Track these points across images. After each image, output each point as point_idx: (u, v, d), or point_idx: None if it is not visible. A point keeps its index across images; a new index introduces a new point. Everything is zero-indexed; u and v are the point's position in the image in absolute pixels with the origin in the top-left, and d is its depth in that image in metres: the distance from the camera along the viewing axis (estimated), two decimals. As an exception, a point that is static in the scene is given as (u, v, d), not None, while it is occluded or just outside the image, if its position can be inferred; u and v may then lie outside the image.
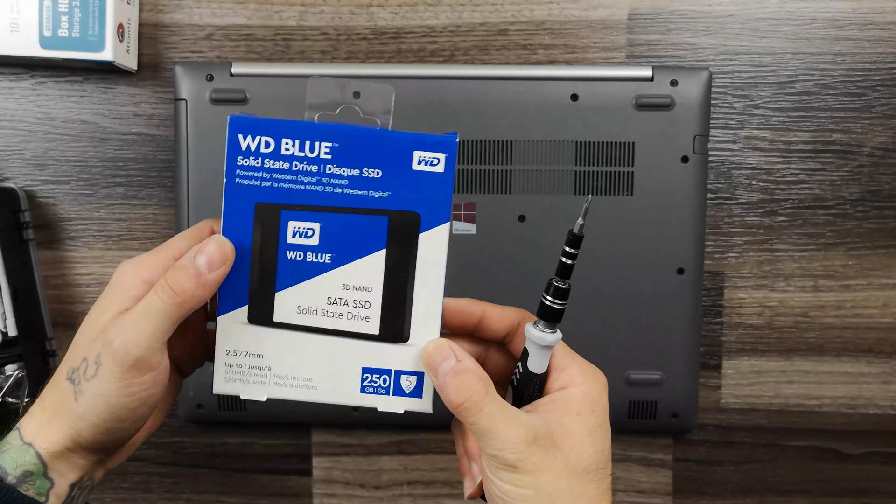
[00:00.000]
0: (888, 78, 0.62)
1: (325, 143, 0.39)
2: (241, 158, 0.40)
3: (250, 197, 0.40)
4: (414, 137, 0.39)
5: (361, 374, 0.41)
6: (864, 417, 0.65)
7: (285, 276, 0.41)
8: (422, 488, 0.66)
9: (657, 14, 0.62)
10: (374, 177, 0.40)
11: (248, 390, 0.41)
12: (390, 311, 0.41)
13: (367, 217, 0.40)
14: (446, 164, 0.40)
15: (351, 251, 0.40)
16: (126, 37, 0.61)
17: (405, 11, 0.63)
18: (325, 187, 0.40)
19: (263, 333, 0.41)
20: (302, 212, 0.40)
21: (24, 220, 0.62)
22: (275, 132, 0.39)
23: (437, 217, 0.40)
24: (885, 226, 0.63)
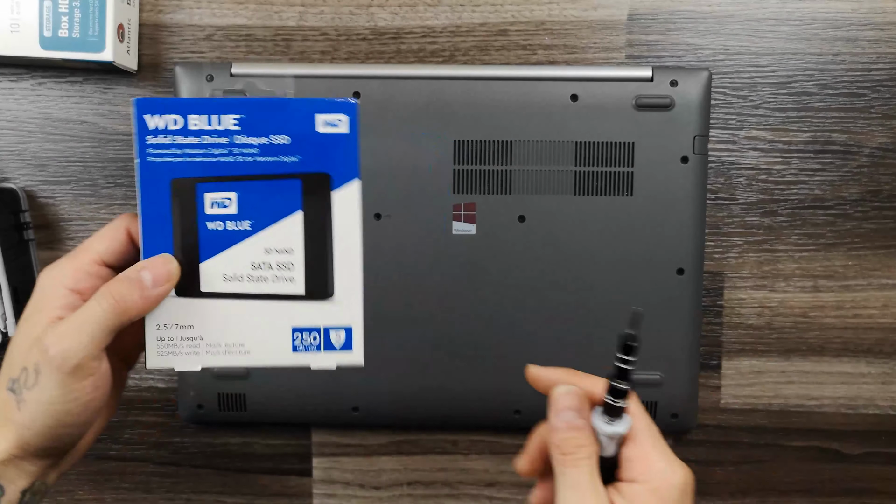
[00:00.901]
0: (888, 78, 0.62)
1: (232, 116, 0.41)
2: (150, 137, 0.41)
3: (165, 173, 0.41)
4: (314, 101, 0.41)
5: (292, 333, 0.43)
6: (863, 418, 0.65)
7: (207, 246, 0.42)
8: (422, 489, 0.66)
9: (657, 14, 0.62)
10: (283, 143, 0.41)
11: (181, 362, 0.42)
12: (313, 269, 0.42)
13: (281, 181, 0.41)
14: (350, 125, 0.42)
15: (269, 215, 0.42)
16: (126, 37, 0.61)
17: (405, 12, 0.63)
18: (237, 157, 0.41)
19: (192, 304, 0.42)
20: (217, 183, 0.41)
21: (25, 221, 0.62)
22: (181, 109, 0.41)
23: (346, 174, 0.42)
24: (885, 226, 0.63)
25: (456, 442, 0.66)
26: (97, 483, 0.67)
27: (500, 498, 0.66)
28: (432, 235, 0.60)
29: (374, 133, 0.59)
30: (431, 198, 0.60)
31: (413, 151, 0.60)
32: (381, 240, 0.60)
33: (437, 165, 0.60)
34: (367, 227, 0.60)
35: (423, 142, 0.59)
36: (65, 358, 0.39)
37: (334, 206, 0.42)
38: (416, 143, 0.59)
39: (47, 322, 0.41)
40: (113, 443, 0.66)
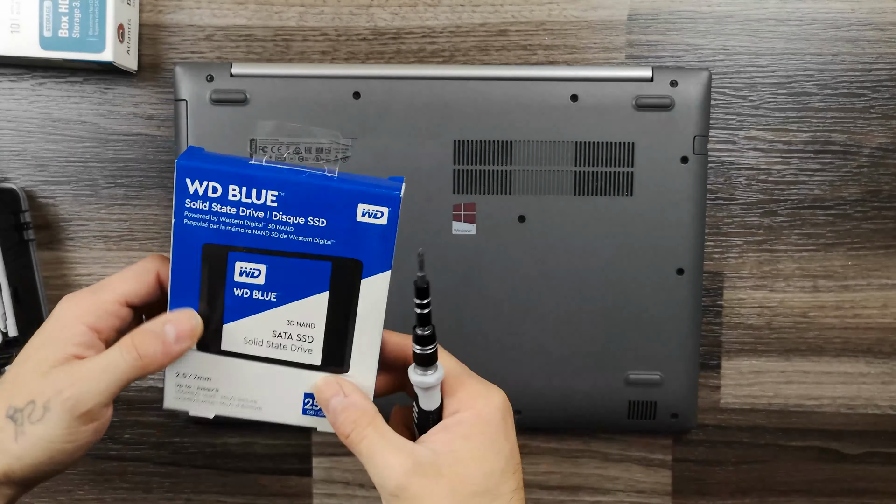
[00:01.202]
0: (888, 78, 0.62)
1: (272, 192, 0.40)
2: (188, 201, 0.41)
3: (198, 238, 0.41)
4: (359, 191, 0.41)
5: (303, 398, 0.44)
6: (863, 417, 0.65)
7: (232, 310, 0.42)
8: (422, 488, 0.66)
9: (657, 15, 0.62)
10: (319, 225, 0.41)
11: (196, 408, 0.44)
12: (331, 345, 0.43)
13: (312, 262, 0.42)
14: (389, 217, 0.42)
15: (296, 291, 0.42)
16: (126, 37, 0.61)
17: (405, 12, 0.63)
18: (272, 233, 0.41)
19: (211, 360, 0.43)
20: (248, 254, 0.41)
21: (25, 221, 0.62)
22: (221, 179, 0.40)
23: (378, 265, 0.42)
24: (885, 226, 0.63)
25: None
26: (97, 483, 0.67)
27: (500, 498, 0.66)
28: (432, 236, 0.60)
29: (374, 133, 0.59)
30: (431, 198, 0.60)
31: (413, 151, 0.60)
32: (381, 240, 0.60)
33: (437, 165, 0.60)
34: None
35: (424, 142, 0.59)
36: (78, 402, 0.40)
37: (361, 292, 0.42)
38: (416, 143, 0.59)
39: (62, 358, 0.41)
40: (113, 443, 0.66)
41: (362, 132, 0.60)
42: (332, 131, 0.43)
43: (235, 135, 0.60)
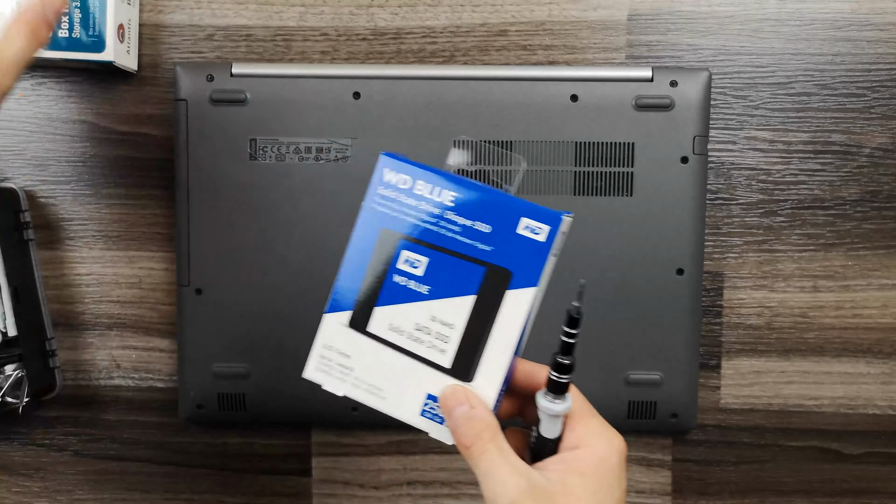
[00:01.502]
0: (888, 79, 0.62)
1: (451, 193, 0.44)
2: (381, 188, 0.45)
3: (380, 222, 0.45)
4: (526, 206, 0.44)
5: (425, 398, 0.45)
6: (863, 418, 0.65)
7: (387, 295, 0.45)
8: (421, 488, 0.66)
9: (657, 15, 0.62)
10: (484, 231, 0.44)
11: (330, 382, 0.46)
12: (464, 350, 0.45)
13: (468, 263, 0.44)
14: (548, 236, 0.43)
15: (446, 289, 0.45)
16: (126, 37, 0.61)
17: (405, 12, 0.63)
18: (441, 229, 0.44)
19: (356, 338, 0.45)
20: (416, 245, 0.45)
21: (25, 221, 0.62)
22: (415, 174, 0.45)
23: (526, 280, 0.44)
24: (885, 226, 0.63)
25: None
26: (96, 483, 0.67)
27: (500, 498, 0.66)
28: (432, 235, 0.60)
29: (374, 133, 0.59)
30: (431, 198, 0.60)
31: (413, 151, 0.60)
32: (381, 240, 0.60)
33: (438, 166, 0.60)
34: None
35: (424, 142, 0.59)
36: None
37: (504, 303, 0.44)
38: (417, 143, 0.59)
39: None
40: (112, 443, 0.66)
41: (362, 132, 0.60)
42: (517, 156, 0.46)
43: (235, 135, 0.60)
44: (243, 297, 0.61)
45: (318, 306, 0.60)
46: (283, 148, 0.60)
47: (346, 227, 0.60)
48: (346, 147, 0.60)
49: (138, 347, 0.66)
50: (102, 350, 0.66)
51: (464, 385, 0.44)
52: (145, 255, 0.65)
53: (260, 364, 0.61)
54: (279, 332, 0.61)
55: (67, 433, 0.67)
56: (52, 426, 0.67)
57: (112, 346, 0.66)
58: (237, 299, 0.61)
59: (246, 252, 0.61)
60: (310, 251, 0.60)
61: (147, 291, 0.65)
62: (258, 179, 0.60)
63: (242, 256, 0.61)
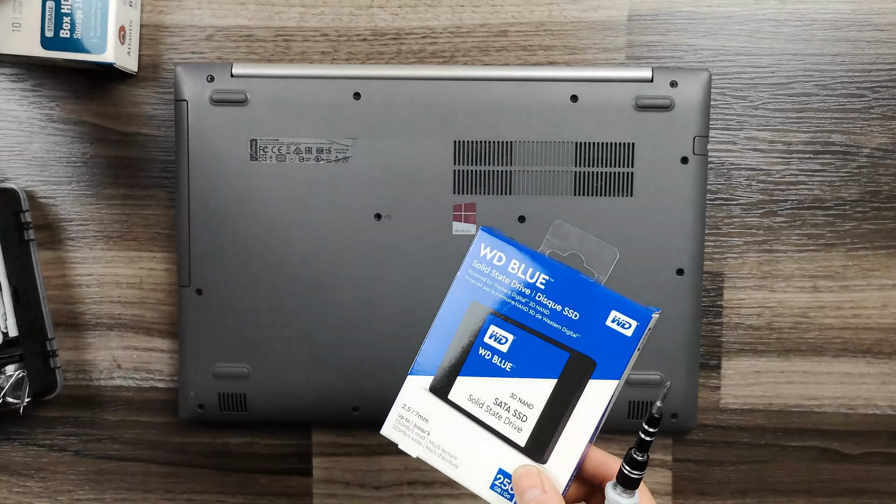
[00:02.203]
0: (887, 79, 0.63)
1: (544, 275, 0.45)
2: (476, 262, 0.46)
3: (471, 294, 0.46)
4: (617, 299, 0.45)
5: (496, 473, 0.46)
6: (863, 418, 0.65)
7: (471, 366, 0.46)
8: (422, 488, 0.66)
9: (657, 15, 0.63)
10: (572, 317, 0.45)
11: (405, 443, 0.47)
12: (541, 431, 0.46)
13: (553, 347, 0.45)
14: (635, 331, 0.45)
15: (529, 369, 0.46)
16: (127, 39, 0.61)
17: (405, 13, 0.63)
18: (530, 310, 0.45)
19: (436, 404, 0.47)
20: (504, 322, 0.46)
21: (25, 221, 0.63)
22: (510, 253, 0.46)
23: (610, 372, 0.45)
24: (885, 226, 0.63)
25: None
26: (97, 483, 0.67)
27: (500, 498, 0.66)
28: (432, 236, 0.60)
29: (374, 134, 0.60)
30: (432, 198, 0.60)
31: (413, 152, 0.60)
32: (381, 240, 0.60)
33: (438, 166, 0.60)
34: (366, 227, 0.60)
35: (424, 142, 0.59)
36: None
37: (585, 392, 0.45)
38: (417, 144, 0.59)
39: None
40: (113, 443, 0.67)
41: (363, 133, 0.60)
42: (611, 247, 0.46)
43: (236, 135, 0.60)
44: (244, 298, 0.61)
45: (319, 306, 0.61)
46: (284, 148, 0.60)
47: (346, 228, 0.60)
48: (346, 147, 0.60)
49: (139, 348, 0.66)
50: (103, 350, 0.66)
51: (537, 466, 0.45)
52: (146, 256, 0.65)
53: (260, 364, 0.61)
54: (280, 333, 0.61)
55: (68, 433, 0.67)
56: (53, 426, 0.67)
57: (113, 346, 0.66)
58: (238, 299, 0.61)
59: (246, 252, 0.61)
60: (310, 251, 0.60)
61: (148, 292, 0.65)
62: (258, 180, 0.60)
63: (243, 257, 0.61)
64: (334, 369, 0.61)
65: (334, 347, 0.61)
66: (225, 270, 0.61)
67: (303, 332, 0.61)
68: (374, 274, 0.61)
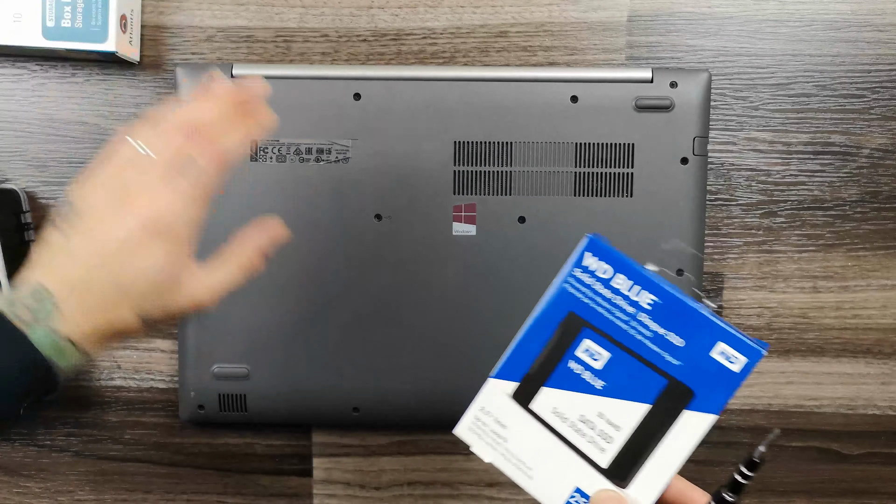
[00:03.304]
0: (887, 80, 0.63)
1: (651, 296, 0.43)
2: (578, 271, 0.44)
3: (569, 304, 0.44)
4: (727, 332, 0.42)
5: (572, 490, 0.44)
6: (863, 418, 0.65)
7: (558, 378, 0.44)
8: (422, 489, 0.66)
9: (657, 16, 0.63)
10: (675, 344, 0.43)
11: (480, 446, 0.45)
12: (626, 455, 0.44)
13: (651, 371, 0.43)
14: (743, 368, 0.42)
15: (622, 390, 0.44)
16: (129, 28, 0.61)
17: (405, 13, 0.63)
18: (630, 329, 0.43)
19: (516, 411, 0.45)
20: (601, 337, 0.44)
21: (26, 222, 0.63)
22: (618, 267, 0.44)
23: (709, 405, 0.43)
24: (884, 227, 0.63)
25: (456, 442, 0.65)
26: (97, 484, 0.67)
27: (501, 498, 0.66)
28: (433, 236, 0.60)
29: (374, 134, 0.60)
30: (432, 199, 0.60)
31: (413, 152, 0.60)
32: (381, 241, 0.60)
33: (438, 166, 0.60)
34: (366, 228, 0.60)
35: (424, 143, 0.60)
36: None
37: (679, 421, 0.43)
38: (417, 144, 0.60)
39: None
40: (113, 443, 0.67)
41: (363, 133, 0.60)
42: (685, 247, 0.46)
43: (236, 136, 0.60)
44: (244, 298, 0.61)
45: (319, 307, 0.61)
46: (284, 149, 0.60)
47: (346, 228, 0.60)
48: (346, 148, 0.60)
49: (139, 348, 0.66)
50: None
51: (618, 491, 0.44)
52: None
53: (260, 365, 0.61)
54: (280, 333, 0.61)
55: (68, 434, 0.67)
56: (54, 427, 0.67)
57: (113, 346, 0.66)
58: (238, 300, 0.61)
59: (247, 253, 0.61)
60: (311, 252, 0.60)
61: (148, 292, 0.65)
62: (259, 180, 0.60)
63: (243, 257, 0.61)
64: (334, 370, 0.61)
65: (334, 348, 0.61)
66: (225, 271, 0.61)
67: (303, 332, 0.61)
68: (375, 274, 0.61)
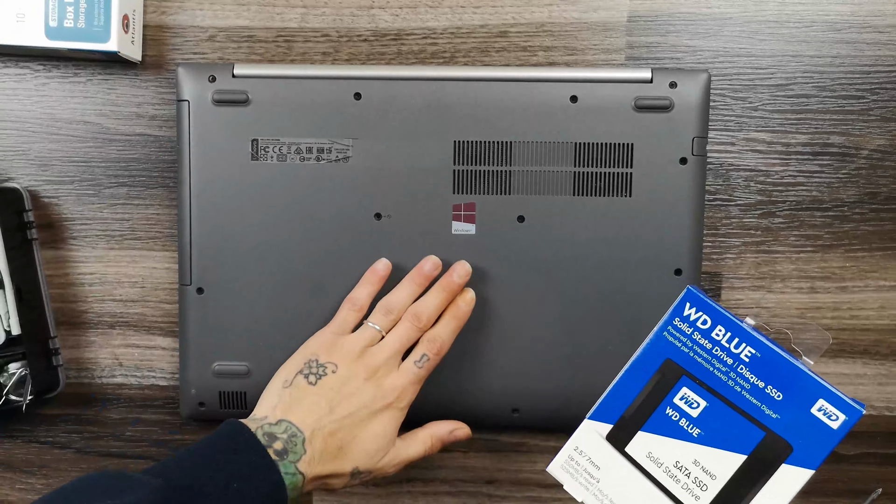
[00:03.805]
0: (886, 81, 0.63)
1: (750, 349, 0.44)
2: (677, 320, 0.46)
3: (667, 351, 0.45)
4: (828, 390, 0.43)
5: None
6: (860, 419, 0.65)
7: (655, 424, 0.45)
8: (420, 486, 0.67)
9: (656, 16, 0.63)
10: (774, 397, 0.44)
11: (572, 485, 0.46)
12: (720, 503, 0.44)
13: (748, 423, 0.44)
14: (842, 425, 0.43)
15: (718, 440, 0.45)
16: (131, 28, 0.61)
17: (406, 13, 0.63)
18: (729, 380, 0.44)
19: (611, 453, 0.46)
20: (699, 387, 0.45)
21: (28, 220, 0.63)
22: (717, 318, 0.45)
23: (806, 461, 0.43)
24: (882, 228, 0.64)
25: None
26: (99, 480, 0.67)
27: (499, 496, 0.67)
28: (432, 235, 0.60)
29: (374, 134, 0.60)
30: (432, 198, 0.60)
31: (413, 152, 0.60)
32: (381, 240, 0.60)
33: (438, 166, 0.60)
34: (366, 227, 0.60)
35: (424, 142, 0.60)
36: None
37: (776, 475, 0.44)
38: (417, 144, 0.60)
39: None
40: (114, 440, 0.67)
41: (363, 133, 0.60)
42: (822, 331, 0.46)
43: (237, 135, 0.60)
44: (245, 297, 0.61)
45: (319, 306, 0.61)
46: (285, 148, 0.60)
47: (346, 227, 0.60)
48: (347, 147, 0.60)
49: (140, 346, 0.66)
50: (105, 348, 0.66)
51: None
52: (147, 255, 0.65)
53: (261, 363, 0.62)
54: (280, 331, 0.61)
55: (70, 431, 0.67)
56: (55, 424, 0.67)
57: (114, 344, 0.66)
58: (239, 298, 0.61)
59: (247, 251, 0.61)
60: (311, 251, 0.61)
61: (149, 290, 0.65)
62: (260, 180, 0.60)
63: (244, 256, 0.61)
64: (334, 368, 0.62)
65: (334, 346, 0.61)
66: (226, 269, 0.61)
67: (303, 330, 0.61)
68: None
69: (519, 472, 0.66)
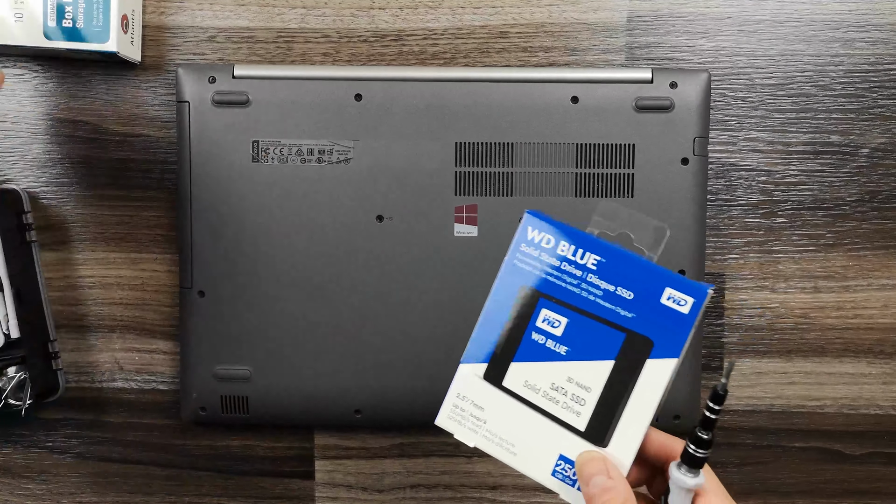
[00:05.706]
0: (886, 79, 0.63)
1: (595, 256, 0.44)
2: (524, 246, 0.45)
3: (521, 279, 0.45)
4: (671, 276, 0.44)
5: (557, 459, 0.45)
6: (865, 418, 0.65)
7: (524, 352, 0.46)
8: (424, 491, 0.66)
9: (656, 16, 0.63)
10: (626, 297, 0.44)
11: (461, 432, 0.46)
12: (600, 415, 0.45)
13: (608, 328, 0.45)
14: (692, 308, 0.44)
15: (584, 352, 0.45)
16: (130, 28, 0.61)
17: (406, 14, 0.63)
18: (582, 292, 0.45)
19: (491, 392, 0.46)
20: (556, 305, 0.45)
21: (28, 222, 0.63)
22: (559, 234, 0.45)
23: (667, 351, 0.44)
24: (885, 226, 0.63)
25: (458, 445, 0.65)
26: (99, 485, 0.67)
27: (503, 501, 0.66)
28: (434, 237, 0.60)
29: (375, 135, 0.60)
30: (433, 200, 0.60)
31: (414, 153, 0.60)
32: (383, 242, 0.60)
33: (439, 167, 0.60)
34: (368, 229, 0.60)
35: (425, 143, 0.60)
36: None
37: (643, 372, 0.44)
38: (418, 145, 0.60)
39: None
40: (115, 445, 0.66)
41: (364, 134, 0.60)
42: (660, 224, 0.46)
43: (238, 136, 0.60)
44: (246, 300, 0.61)
45: (320, 308, 0.61)
46: (286, 150, 0.60)
47: (347, 229, 0.60)
48: (347, 149, 0.60)
49: (141, 350, 0.66)
50: (105, 352, 0.66)
51: (601, 451, 0.44)
52: (148, 258, 0.65)
53: (262, 366, 0.61)
54: (281, 335, 0.61)
55: (70, 435, 0.67)
56: (55, 428, 0.67)
57: (115, 348, 0.66)
58: (240, 301, 0.61)
59: (248, 254, 0.61)
60: (312, 253, 0.61)
61: (150, 294, 0.65)
62: (260, 181, 0.60)
63: (245, 259, 0.61)
64: (336, 371, 0.61)
65: (336, 349, 0.61)
66: (227, 272, 0.61)
67: (304, 333, 0.61)
68: (376, 275, 0.61)
69: (522, 477, 0.65)
